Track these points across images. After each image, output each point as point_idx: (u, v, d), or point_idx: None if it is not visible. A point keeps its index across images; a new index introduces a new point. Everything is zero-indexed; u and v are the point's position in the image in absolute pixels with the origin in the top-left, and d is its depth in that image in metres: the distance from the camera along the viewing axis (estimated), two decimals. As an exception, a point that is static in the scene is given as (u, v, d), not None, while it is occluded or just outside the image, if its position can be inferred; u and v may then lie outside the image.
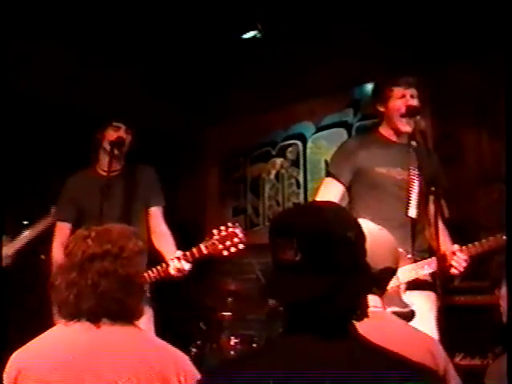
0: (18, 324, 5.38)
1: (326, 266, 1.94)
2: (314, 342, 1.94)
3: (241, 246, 4.30)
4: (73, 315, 2.60)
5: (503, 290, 3.08)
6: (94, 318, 2.59)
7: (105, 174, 4.81)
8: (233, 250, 4.29)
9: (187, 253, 4.35)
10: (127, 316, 2.64)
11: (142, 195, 4.90)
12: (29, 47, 6.40)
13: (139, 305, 2.70)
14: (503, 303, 3.10)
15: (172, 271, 4.36)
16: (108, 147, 4.82)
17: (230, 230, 4.29)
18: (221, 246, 4.27)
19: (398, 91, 4.30)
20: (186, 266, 4.34)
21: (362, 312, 2.02)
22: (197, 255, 4.32)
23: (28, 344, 2.68)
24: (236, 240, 4.28)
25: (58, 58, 6.75)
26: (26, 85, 6.44)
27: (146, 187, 4.92)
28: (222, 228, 4.30)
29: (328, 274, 1.93)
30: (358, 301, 2.02)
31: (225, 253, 4.30)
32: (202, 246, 4.30)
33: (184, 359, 2.62)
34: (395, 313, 3.35)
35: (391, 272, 2.77)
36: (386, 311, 2.96)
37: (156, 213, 4.89)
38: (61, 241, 4.83)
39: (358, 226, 2.06)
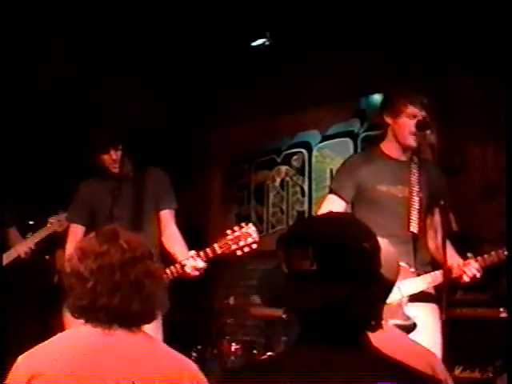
0: (17, 324, 5.40)
1: (342, 275, 1.94)
2: (327, 351, 1.94)
3: (254, 246, 4.28)
4: (114, 319, 2.55)
5: None
6: (134, 322, 2.58)
7: (116, 175, 4.86)
8: (246, 249, 4.27)
9: (201, 252, 4.32)
10: (156, 317, 2.66)
11: (153, 198, 4.87)
12: (33, 48, 6.42)
13: (167, 305, 2.76)
14: None
15: (188, 270, 4.31)
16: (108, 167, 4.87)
17: (244, 230, 4.28)
18: (234, 246, 4.26)
19: (412, 110, 4.30)
20: (201, 264, 4.31)
21: (376, 322, 2.03)
22: (211, 255, 4.30)
23: (42, 346, 2.60)
24: (250, 240, 4.27)
25: (63, 60, 6.75)
26: (31, 85, 6.46)
27: (157, 190, 4.89)
28: (236, 228, 4.29)
29: (343, 283, 1.94)
30: (373, 311, 2.03)
31: (238, 252, 4.28)
32: (216, 246, 4.28)
33: (196, 368, 2.62)
34: (398, 325, 3.37)
35: (391, 285, 2.78)
36: (387, 324, 2.97)
37: (167, 215, 4.86)
38: (74, 243, 4.85)
39: (374, 237, 2.06)
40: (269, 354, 5.61)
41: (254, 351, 6.36)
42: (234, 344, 6.33)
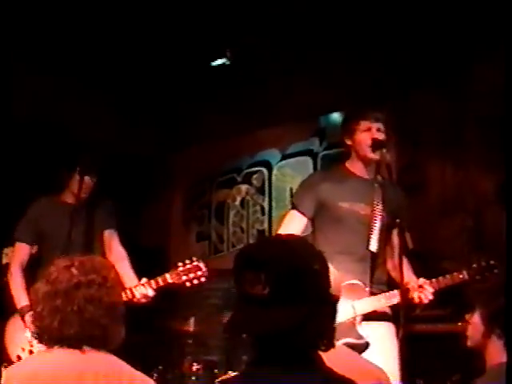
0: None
1: (295, 298, 1.96)
2: (282, 373, 1.96)
3: (203, 280, 4.64)
4: (55, 341, 2.65)
5: (475, 317, 3.16)
6: (77, 344, 2.63)
7: (72, 202, 5.03)
8: (195, 282, 4.62)
9: (152, 281, 4.60)
10: (109, 343, 2.70)
11: (100, 219, 5.12)
12: (4, 70, 6.38)
13: (121, 332, 2.77)
14: (471, 329, 3.18)
15: (138, 296, 4.58)
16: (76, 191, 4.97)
17: (195, 263, 4.62)
18: (184, 277, 4.59)
19: (364, 124, 4.36)
20: (151, 293, 4.59)
21: (328, 342, 2.04)
22: (161, 283, 4.59)
23: (7, 370, 2.72)
24: (199, 273, 4.61)
25: (33, 82, 6.75)
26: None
27: (102, 214, 5.15)
28: (187, 261, 4.62)
29: (296, 306, 1.95)
30: (326, 331, 2.04)
31: (187, 284, 4.62)
32: (168, 275, 4.57)
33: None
34: (350, 344, 3.39)
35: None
36: (336, 343, 2.98)
37: (112, 234, 5.14)
38: (19, 261, 5.00)
39: (322, 257, 2.09)
40: (230, 373, 5.59)
41: (216, 371, 6.33)
42: (195, 364, 6.30)
